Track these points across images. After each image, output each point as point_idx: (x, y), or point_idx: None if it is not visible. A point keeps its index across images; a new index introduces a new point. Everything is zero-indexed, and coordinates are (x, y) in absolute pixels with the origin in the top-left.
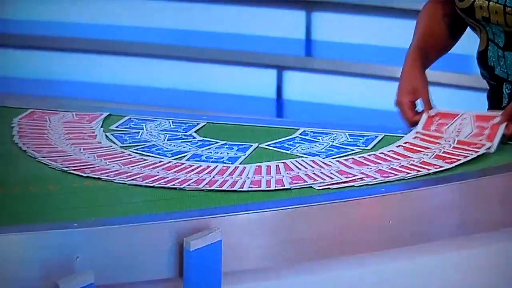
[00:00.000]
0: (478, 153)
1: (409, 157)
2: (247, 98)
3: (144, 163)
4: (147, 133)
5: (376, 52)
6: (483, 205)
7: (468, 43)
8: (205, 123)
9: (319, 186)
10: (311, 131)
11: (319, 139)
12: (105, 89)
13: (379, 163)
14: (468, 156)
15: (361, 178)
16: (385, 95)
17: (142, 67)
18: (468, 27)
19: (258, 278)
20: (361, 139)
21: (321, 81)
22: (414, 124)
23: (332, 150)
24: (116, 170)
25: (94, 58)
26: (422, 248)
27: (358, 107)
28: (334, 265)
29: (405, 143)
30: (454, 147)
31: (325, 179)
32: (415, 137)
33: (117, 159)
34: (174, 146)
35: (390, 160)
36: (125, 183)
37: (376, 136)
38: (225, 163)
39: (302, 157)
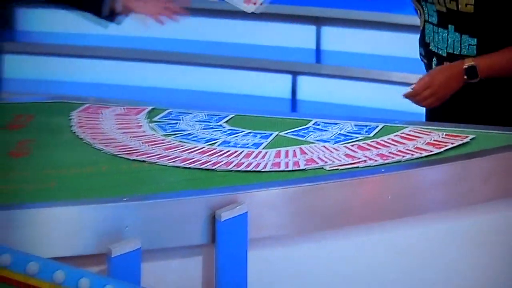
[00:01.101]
0: (463, 141)
1: (404, 143)
2: (267, 99)
3: (182, 148)
4: (184, 123)
5: (376, 60)
6: (467, 183)
7: None
8: (233, 115)
9: (329, 167)
10: (322, 122)
11: (329, 129)
12: (143, 92)
13: (379, 148)
14: (454, 143)
15: (364, 161)
16: (383, 96)
17: (180, 73)
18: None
19: (277, 244)
20: (364, 129)
21: (329, 84)
22: None
23: (340, 138)
24: (159, 154)
25: (134, 65)
26: (416, 219)
27: (361, 106)
28: (342, 233)
29: (402, 132)
30: (442, 137)
31: (334, 161)
32: (410, 130)
33: (159, 145)
34: (207, 134)
35: (389, 146)
36: (166, 165)
37: (377, 126)
38: (250, 148)
39: (315, 143)
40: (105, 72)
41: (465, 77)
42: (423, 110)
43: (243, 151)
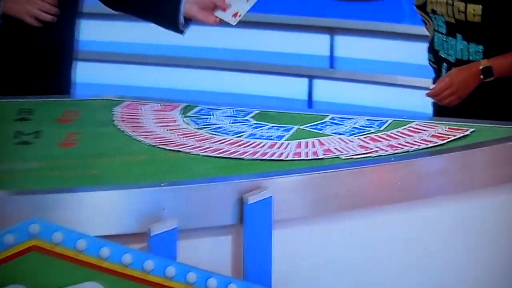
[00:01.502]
0: (464, 134)
1: (411, 136)
2: (286, 100)
3: (213, 140)
4: (214, 118)
5: (383, 65)
6: (467, 171)
7: None
8: (258, 111)
9: (344, 157)
10: (338, 117)
11: (343, 123)
12: (178, 94)
13: (389, 140)
14: (456, 135)
15: (376, 151)
16: (390, 97)
17: (209, 77)
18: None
19: (298, 224)
20: (375, 123)
21: (341, 87)
22: None
23: (354, 131)
24: (192, 145)
25: (169, 70)
26: (421, 203)
27: (371, 106)
28: (355, 215)
29: (409, 126)
30: (445, 130)
31: (349, 152)
32: (416, 124)
33: (193, 137)
34: (235, 127)
35: (397, 138)
36: (199, 155)
37: (387, 120)
38: (273, 140)
39: (331, 135)
40: (137, 76)
41: (482, 76)
42: (425, 109)
43: (267, 142)
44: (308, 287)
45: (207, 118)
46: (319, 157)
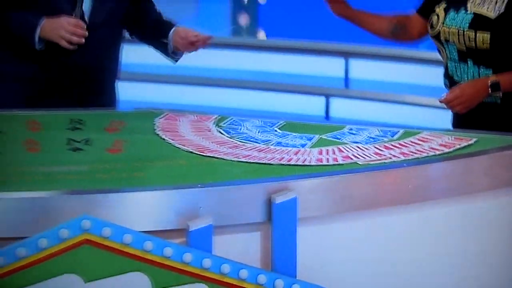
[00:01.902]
0: (468, 143)
1: (421, 144)
2: (305, 116)
3: (243, 147)
4: (245, 128)
5: (393, 85)
6: (471, 175)
7: None
8: (284, 122)
9: (361, 162)
10: (355, 128)
11: (360, 133)
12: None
13: (401, 148)
14: (461, 144)
15: (389, 157)
16: (399, 114)
17: (238, 96)
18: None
19: (320, 222)
20: (388, 133)
21: (355, 105)
22: None
23: (370, 140)
24: (225, 152)
25: (203, 90)
26: (430, 203)
27: (382, 122)
28: (371, 214)
29: (419, 136)
30: (451, 140)
31: (365, 158)
32: (425, 134)
33: (225, 144)
34: (263, 136)
35: (408, 146)
36: (232, 160)
37: (399, 131)
38: (297, 147)
39: (349, 144)
40: (172, 95)
41: (490, 90)
42: (429, 123)
43: (292, 149)
44: (329, 278)
45: (238, 128)
46: (338, 162)
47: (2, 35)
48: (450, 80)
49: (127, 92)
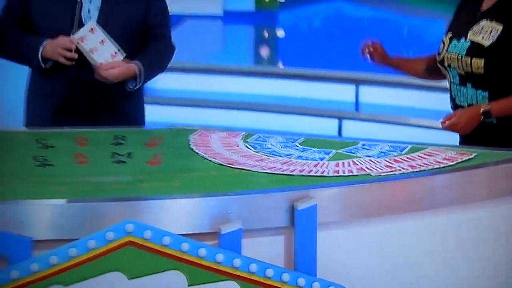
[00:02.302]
0: (469, 157)
1: (427, 158)
2: (320, 136)
3: (268, 160)
4: (269, 143)
5: (400, 109)
6: (471, 185)
7: None
8: (304, 139)
9: (374, 174)
10: (368, 143)
11: (372, 148)
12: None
13: (409, 161)
14: (462, 158)
15: (399, 170)
16: (405, 135)
17: (259, 118)
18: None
19: (337, 227)
20: (398, 148)
21: (365, 126)
22: None
23: (381, 154)
24: (252, 164)
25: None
26: (435, 211)
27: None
28: (382, 220)
29: (424, 151)
30: (454, 154)
31: (377, 170)
32: (430, 149)
33: (252, 158)
34: (285, 151)
35: (415, 160)
36: (258, 171)
37: (407, 146)
38: (316, 160)
39: (363, 157)
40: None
41: (482, 117)
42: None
43: (312, 162)
44: (345, 277)
45: (263, 143)
46: (353, 174)
47: (15, 56)
48: (453, 102)
49: (160, 115)
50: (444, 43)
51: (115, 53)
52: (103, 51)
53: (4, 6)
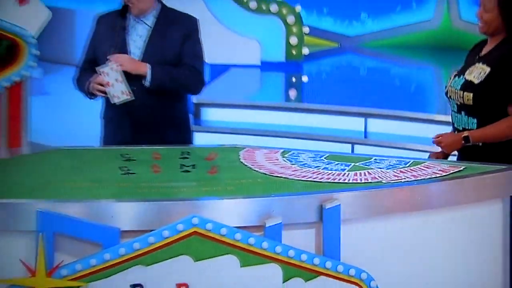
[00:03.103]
0: (459, 169)
1: (426, 170)
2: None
3: (301, 170)
4: (301, 158)
5: (401, 137)
6: (461, 191)
7: None
8: (328, 154)
9: (385, 181)
10: (379, 158)
11: (382, 162)
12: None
13: (412, 172)
14: (454, 170)
15: (404, 178)
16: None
17: (290, 143)
18: None
19: (356, 222)
20: (402, 162)
21: (372, 149)
22: None
23: (389, 166)
24: (289, 173)
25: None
26: (432, 211)
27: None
28: (392, 218)
29: (424, 164)
30: (447, 167)
31: (387, 178)
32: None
33: (289, 168)
34: (315, 163)
35: (417, 171)
36: (294, 179)
37: (410, 161)
38: (339, 171)
39: (375, 169)
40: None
41: (463, 142)
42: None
43: (335, 172)
44: (363, 262)
45: (297, 158)
46: (368, 181)
47: (82, 92)
48: (453, 126)
49: (214, 140)
50: (451, 78)
51: (125, 92)
52: (116, 87)
53: (82, 53)
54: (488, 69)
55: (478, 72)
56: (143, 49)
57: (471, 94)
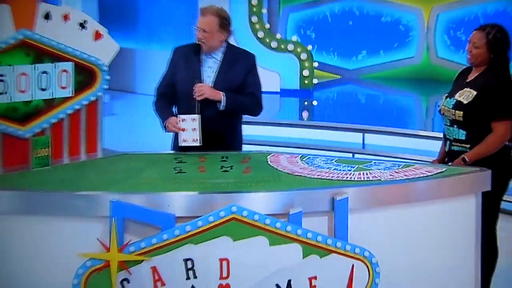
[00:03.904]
0: (441, 170)
1: (415, 171)
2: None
3: (316, 171)
4: (316, 161)
5: (389, 148)
6: (444, 187)
7: None
8: (337, 158)
9: (383, 179)
10: (378, 161)
11: (380, 165)
12: None
13: (404, 172)
14: (437, 171)
15: (398, 177)
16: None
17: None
18: None
19: (360, 212)
20: (396, 165)
21: (368, 157)
22: None
23: (386, 168)
24: (307, 173)
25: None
26: (420, 203)
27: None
28: (389, 208)
29: (413, 167)
30: (432, 169)
31: (385, 177)
32: (416, 166)
33: (307, 169)
34: (327, 165)
35: (408, 172)
36: (311, 177)
37: (402, 164)
38: (346, 171)
39: (375, 170)
40: None
41: (462, 162)
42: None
43: (343, 172)
44: (365, 242)
45: (313, 161)
46: (370, 179)
47: (157, 115)
48: (444, 137)
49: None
50: (443, 99)
51: (196, 140)
52: (189, 134)
53: (161, 77)
54: (475, 93)
55: (466, 95)
56: (214, 78)
57: (462, 112)
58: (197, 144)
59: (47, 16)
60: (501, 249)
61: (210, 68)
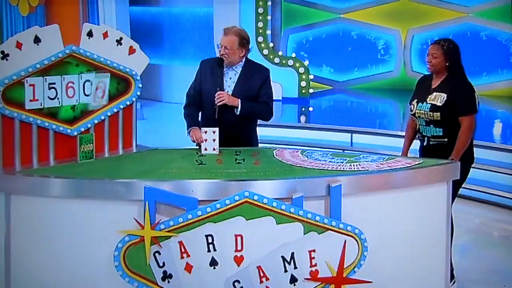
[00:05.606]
0: (419, 162)
1: (397, 163)
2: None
3: (315, 162)
4: (314, 155)
5: (374, 145)
6: (421, 176)
7: None
8: (331, 152)
9: (370, 169)
10: (365, 155)
11: (367, 157)
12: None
13: (388, 163)
14: (416, 163)
15: (383, 168)
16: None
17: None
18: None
19: (351, 197)
20: (381, 158)
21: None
22: None
23: (373, 160)
24: (307, 164)
25: None
26: (401, 189)
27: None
28: (376, 194)
29: (396, 159)
30: (411, 161)
31: (371, 168)
32: (398, 158)
33: (306, 161)
34: (323, 158)
35: (391, 163)
36: (311, 168)
37: (386, 157)
38: (339, 163)
39: (363, 162)
40: None
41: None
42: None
43: (337, 163)
44: (357, 221)
45: (311, 154)
46: (359, 169)
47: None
48: (421, 135)
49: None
50: (413, 105)
51: (215, 149)
52: (209, 144)
53: (190, 84)
54: (445, 95)
55: (438, 98)
56: (233, 88)
57: (439, 113)
58: (216, 152)
59: (90, 34)
60: (461, 226)
61: (230, 79)
